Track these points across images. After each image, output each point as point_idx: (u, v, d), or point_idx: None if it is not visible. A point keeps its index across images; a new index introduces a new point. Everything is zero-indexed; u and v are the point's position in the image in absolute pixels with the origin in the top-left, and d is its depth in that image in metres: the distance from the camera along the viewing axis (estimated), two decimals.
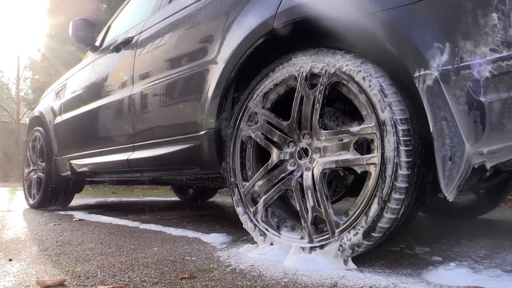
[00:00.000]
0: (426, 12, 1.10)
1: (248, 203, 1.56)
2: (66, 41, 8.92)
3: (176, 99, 2.03)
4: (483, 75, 1.00)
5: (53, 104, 3.50)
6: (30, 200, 3.64)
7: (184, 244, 1.75)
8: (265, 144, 1.52)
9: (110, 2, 9.23)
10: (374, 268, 1.27)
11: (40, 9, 14.51)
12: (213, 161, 1.80)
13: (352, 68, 1.28)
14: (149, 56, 2.28)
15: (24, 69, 16.32)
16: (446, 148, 1.07)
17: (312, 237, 1.34)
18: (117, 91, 2.54)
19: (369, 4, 1.20)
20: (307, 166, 1.39)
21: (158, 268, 1.31)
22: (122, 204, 4.23)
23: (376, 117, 1.20)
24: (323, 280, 1.14)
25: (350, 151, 1.27)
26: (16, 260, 1.45)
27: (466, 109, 1.02)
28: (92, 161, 2.82)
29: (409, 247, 1.63)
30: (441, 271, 1.16)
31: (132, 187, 6.87)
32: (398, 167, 1.14)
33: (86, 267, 1.33)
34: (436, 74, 1.06)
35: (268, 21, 1.50)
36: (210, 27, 1.86)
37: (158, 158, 2.12)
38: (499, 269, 1.26)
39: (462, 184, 1.09)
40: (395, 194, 1.15)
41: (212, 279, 1.17)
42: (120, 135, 2.52)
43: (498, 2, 0.98)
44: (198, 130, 1.85)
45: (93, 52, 3.09)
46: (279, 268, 1.26)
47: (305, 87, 1.39)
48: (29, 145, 3.75)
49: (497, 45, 0.98)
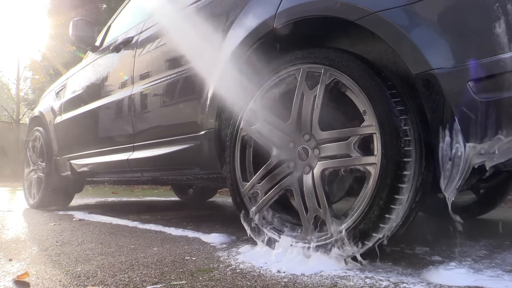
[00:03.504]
0: (426, 12, 1.11)
1: (248, 203, 1.56)
2: (66, 41, 8.93)
3: (176, 99, 2.03)
4: (483, 75, 1.00)
5: (53, 104, 3.50)
6: (30, 200, 3.64)
7: (184, 244, 1.75)
8: (265, 144, 1.52)
9: (110, 2, 9.23)
10: (374, 268, 1.27)
11: (40, 9, 14.51)
12: (213, 161, 1.80)
13: (352, 68, 1.27)
14: (149, 56, 2.28)
15: (24, 69, 16.32)
16: (446, 148, 1.07)
17: (312, 237, 1.33)
18: (117, 91, 2.54)
19: (369, 4, 1.20)
20: (307, 166, 1.39)
21: (158, 268, 1.31)
22: (122, 204, 4.23)
23: (376, 117, 1.20)
24: (323, 280, 1.14)
25: (350, 151, 1.27)
26: (16, 260, 1.45)
27: (466, 109, 1.02)
28: (92, 161, 2.82)
29: (409, 247, 1.63)
30: (441, 271, 1.16)
31: (132, 187, 6.87)
32: (398, 167, 1.14)
33: (86, 267, 1.33)
34: (436, 73, 1.06)
35: (268, 21, 1.50)
36: (210, 27, 1.86)
37: (158, 158, 2.12)
38: (499, 269, 1.26)
39: (462, 184, 1.09)
40: (395, 194, 1.15)
41: (212, 279, 1.17)
42: (120, 135, 2.52)
43: (497, 3, 0.98)
44: (198, 130, 1.85)
45: (93, 52, 3.09)
46: (279, 268, 1.26)
47: (305, 87, 1.39)
48: (29, 145, 3.75)
49: (497, 46, 0.98)
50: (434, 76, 1.07)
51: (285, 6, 1.45)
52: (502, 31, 0.97)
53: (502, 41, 0.97)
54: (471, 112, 1.02)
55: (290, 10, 1.43)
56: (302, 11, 1.40)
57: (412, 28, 1.12)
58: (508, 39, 0.96)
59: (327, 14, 1.33)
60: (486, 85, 1.00)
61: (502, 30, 0.97)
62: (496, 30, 0.98)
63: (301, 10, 1.40)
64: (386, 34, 1.18)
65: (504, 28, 0.97)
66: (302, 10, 1.40)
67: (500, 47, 0.97)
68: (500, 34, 0.97)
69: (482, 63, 1.00)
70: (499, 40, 0.97)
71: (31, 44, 18.13)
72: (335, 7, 1.30)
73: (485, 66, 1.00)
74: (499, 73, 0.98)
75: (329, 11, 1.32)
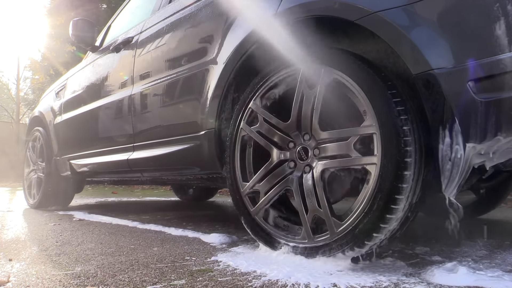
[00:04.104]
0: (426, 12, 1.11)
1: (248, 203, 1.56)
2: (66, 41, 8.92)
3: (176, 99, 2.03)
4: (483, 75, 1.00)
5: (53, 104, 3.50)
6: (30, 200, 3.64)
7: (184, 244, 1.75)
8: (265, 144, 1.52)
9: (110, 2, 9.23)
10: (374, 268, 1.27)
11: (40, 9, 14.50)
12: (213, 161, 1.80)
13: (352, 68, 1.27)
14: (149, 56, 2.28)
15: (24, 69, 16.32)
16: (446, 148, 1.07)
17: (312, 237, 1.33)
18: (117, 91, 2.54)
19: (369, 4, 1.20)
20: (307, 166, 1.39)
21: (158, 268, 1.31)
22: (122, 204, 4.23)
23: (376, 117, 1.20)
24: (323, 280, 1.14)
25: (350, 151, 1.27)
26: (16, 260, 1.45)
27: (466, 109, 1.02)
28: (92, 161, 2.82)
29: (409, 247, 1.63)
30: (441, 271, 1.16)
31: (132, 187, 6.87)
32: (398, 167, 1.14)
33: (86, 267, 1.33)
34: (436, 73, 1.06)
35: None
36: (210, 27, 1.86)
37: (158, 158, 2.12)
38: (499, 269, 1.26)
39: (462, 184, 1.09)
40: (395, 194, 1.15)
41: (212, 279, 1.17)
42: (120, 135, 2.52)
43: (497, 3, 0.98)
44: (198, 130, 1.85)
45: (93, 52, 3.09)
46: (279, 268, 1.26)
47: (305, 87, 1.39)
48: (29, 145, 3.75)
49: (496, 46, 0.98)
50: (434, 76, 1.07)
51: (285, 6, 1.45)
52: (502, 31, 0.97)
53: (502, 41, 0.97)
54: (471, 112, 1.02)
55: (290, 10, 1.43)
56: (302, 11, 1.40)
57: (412, 28, 1.12)
58: (508, 39, 0.96)
59: (327, 14, 1.33)
60: (486, 85, 1.00)
61: (502, 31, 0.97)
62: (496, 30, 0.98)
63: (301, 10, 1.40)
64: (386, 34, 1.18)
65: (504, 28, 0.97)
66: (302, 10, 1.40)
67: (500, 47, 0.97)
68: (500, 34, 0.97)
69: (482, 63, 1.00)
70: (499, 40, 0.97)
71: (31, 44, 18.10)
72: (335, 7, 1.30)
73: (485, 66, 1.00)
74: (499, 73, 0.98)
75: (329, 11, 1.32)
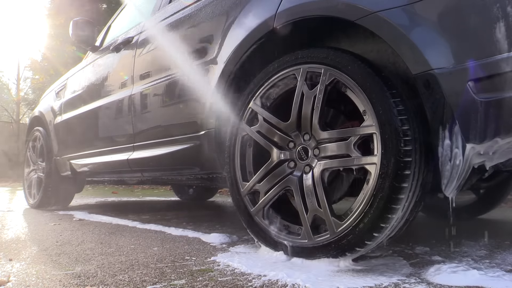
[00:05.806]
0: (426, 12, 1.11)
1: (248, 203, 1.55)
2: (66, 41, 8.93)
3: (176, 99, 2.03)
4: (483, 75, 1.00)
5: (53, 104, 3.50)
6: (30, 200, 3.64)
7: (184, 244, 1.75)
8: (265, 144, 1.52)
9: (110, 2, 9.23)
10: (375, 268, 1.27)
11: (40, 9, 14.51)
12: (213, 161, 1.80)
13: (352, 67, 1.27)
14: (149, 56, 2.28)
15: (24, 69, 16.32)
16: (446, 148, 1.07)
17: (312, 237, 1.33)
18: (117, 91, 2.54)
19: (369, 4, 1.20)
20: (307, 166, 1.39)
21: (158, 268, 1.31)
22: (122, 204, 4.23)
23: (376, 117, 1.20)
24: (324, 280, 1.14)
25: (350, 151, 1.27)
26: (16, 260, 1.45)
27: (466, 109, 1.02)
28: (92, 161, 2.82)
29: (409, 247, 1.63)
30: (441, 271, 1.16)
31: (132, 187, 6.87)
32: (398, 167, 1.14)
33: (86, 267, 1.33)
34: (436, 73, 1.06)
35: (268, 21, 1.50)
36: (210, 27, 1.86)
37: (158, 158, 2.12)
38: (499, 269, 1.26)
39: (462, 184, 1.09)
40: (395, 194, 1.15)
41: (212, 279, 1.17)
42: (120, 135, 2.52)
43: (497, 4, 0.98)
44: (198, 130, 1.85)
45: (93, 52, 3.09)
46: (279, 268, 1.26)
47: (305, 87, 1.39)
48: (29, 145, 3.75)
49: (496, 46, 0.98)
50: (434, 76, 1.07)
51: (285, 6, 1.45)
52: (502, 31, 0.97)
53: (501, 42, 0.97)
54: (471, 112, 1.02)
55: (290, 10, 1.43)
56: (302, 11, 1.40)
57: (412, 28, 1.12)
58: (508, 40, 0.96)
59: (327, 14, 1.33)
60: (486, 85, 1.00)
61: (501, 31, 0.97)
62: (496, 30, 0.98)
63: (301, 10, 1.40)
64: (386, 34, 1.18)
65: (503, 28, 0.97)
66: (302, 10, 1.40)
67: (499, 48, 0.97)
68: (499, 34, 0.97)
69: (482, 63, 1.00)
70: (498, 41, 0.97)
71: (31, 44, 18.16)
72: (335, 7, 1.30)
73: (484, 66, 1.00)
74: (499, 73, 0.98)
75: (329, 11, 1.32)
